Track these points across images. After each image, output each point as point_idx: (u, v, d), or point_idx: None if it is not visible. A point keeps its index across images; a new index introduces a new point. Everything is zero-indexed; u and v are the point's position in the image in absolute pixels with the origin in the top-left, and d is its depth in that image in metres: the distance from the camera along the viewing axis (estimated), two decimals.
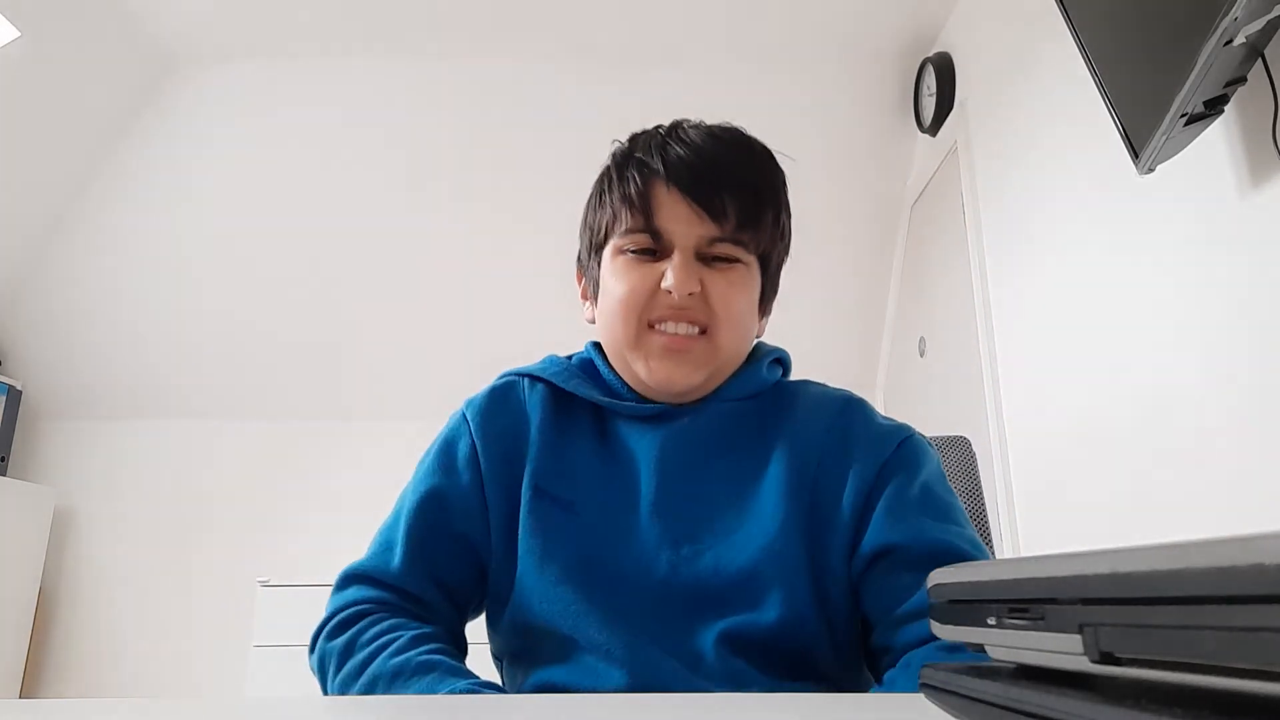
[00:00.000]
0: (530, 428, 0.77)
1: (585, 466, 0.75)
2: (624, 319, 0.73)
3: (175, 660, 2.92)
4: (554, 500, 0.73)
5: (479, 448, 0.76)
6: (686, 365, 0.73)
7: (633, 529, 0.72)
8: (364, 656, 0.67)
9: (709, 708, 0.39)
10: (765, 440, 0.75)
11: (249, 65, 2.61)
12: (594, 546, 0.71)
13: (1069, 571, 0.23)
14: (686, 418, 0.76)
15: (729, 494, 0.73)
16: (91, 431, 3.16)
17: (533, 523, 0.73)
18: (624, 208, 0.74)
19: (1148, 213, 1.48)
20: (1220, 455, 1.28)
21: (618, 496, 0.73)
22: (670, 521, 0.71)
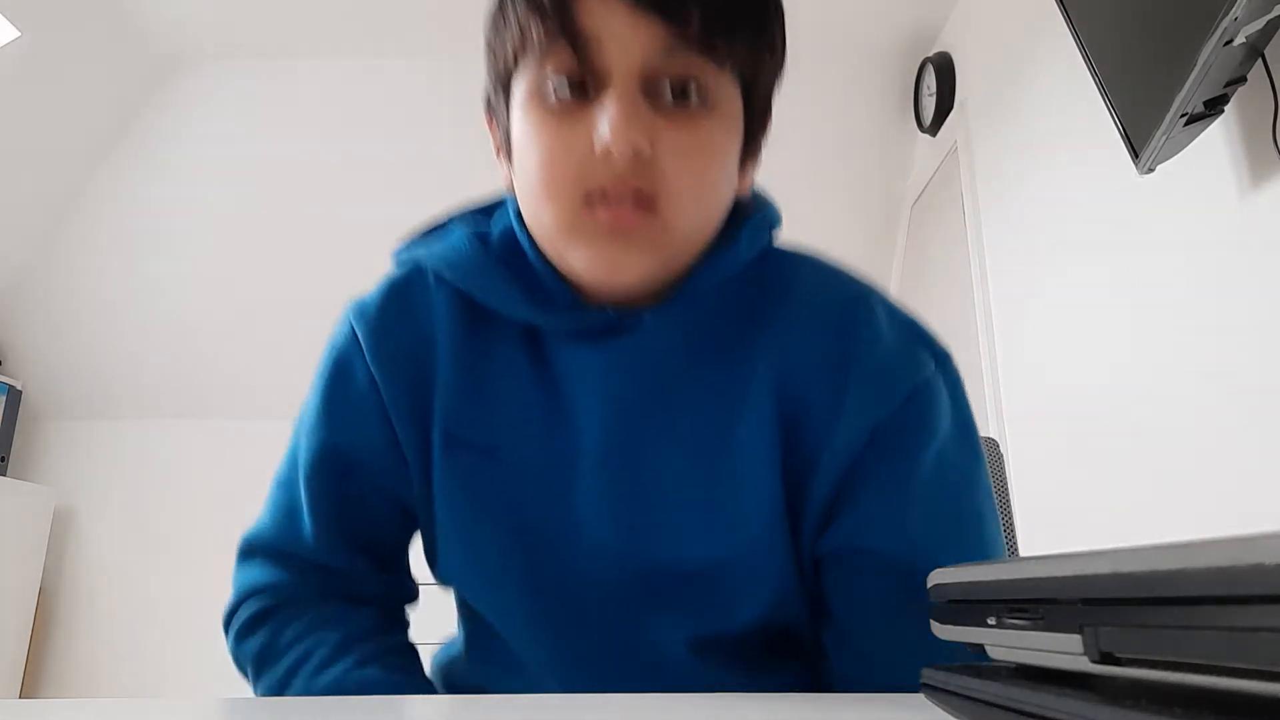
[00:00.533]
0: (437, 348, 0.58)
1: (510, 400, 0.57)
2: (548, 200, 0.51)
3: (175, 660, 2.92)
4: (471, 447, 0.57)
5: (377, 377, 0.59)
6: (634, 252, 0.51)
7: (573, 486, 0.56)
8: (284, 671, 0.58)
9: (702, 708, 0.39)
10: (744, 357, 0.57)
11: (249, 65, 2.61)
12: (524, 507, 0.56)
13: (1069, 571, 0.23)
14: (642, 330, 0.56)
15: (694, 450, 0.56)
16: (91, 431, 3.16)
17: (447, 474, 0.57)
18: (531, 16, 0.50)
19: (1148, 213, 1.48)
20: (1220, 455, 1.28)
21: (553, 441, 0.56)
22: (620, 484, 0.55)
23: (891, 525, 0.54)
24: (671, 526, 0.55)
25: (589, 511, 0.55)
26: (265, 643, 0.60)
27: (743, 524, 0.54)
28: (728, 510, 0.55)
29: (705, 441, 0.55)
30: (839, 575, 0.56)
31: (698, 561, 0.55)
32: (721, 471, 0.55)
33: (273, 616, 0.61)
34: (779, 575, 0.55)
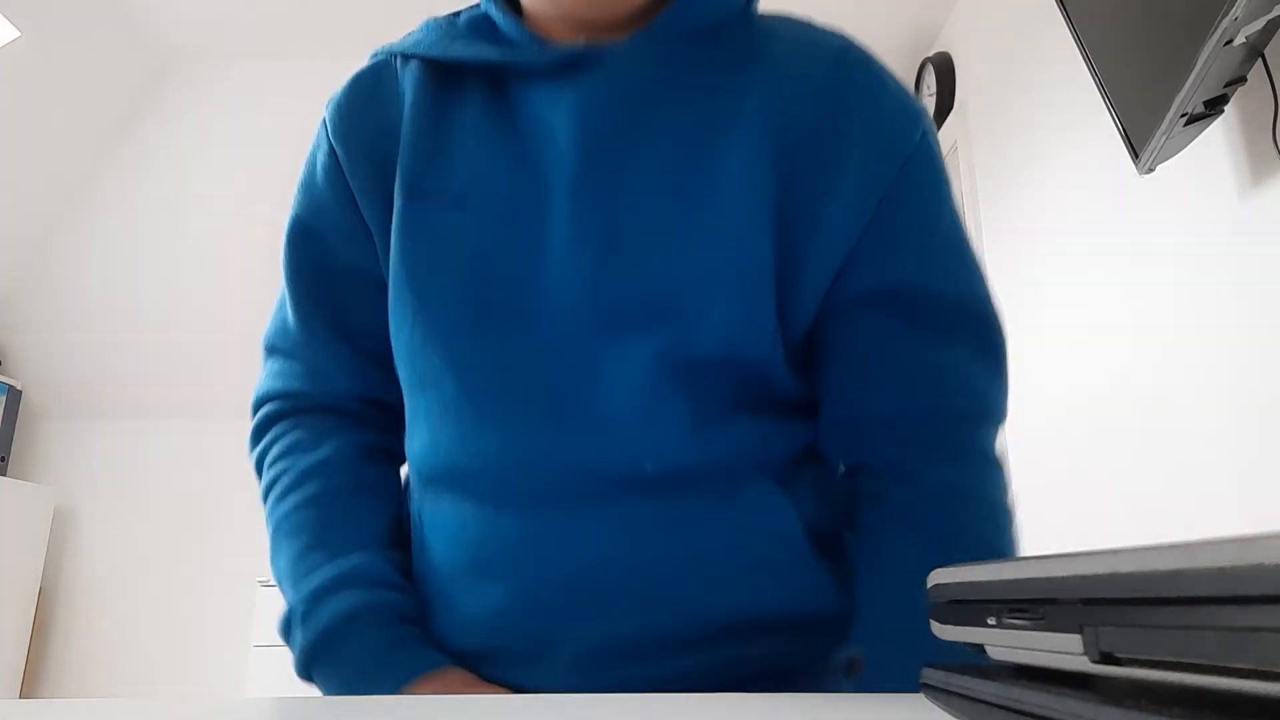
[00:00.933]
0: (402, 118, 0.58)
1: (477, 148, 0.55)
2: None
3: (175, 660, 2.92)
4: (436, 196, 0.55)
5: (340, 155, 0.59)
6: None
7: (542, 221, 0.53)
8: (264, 490, 0.61)
9: (702, 708, 0.39)
10: (726, 95, 0.54)
11: (249, 65, 2.62)
12: (491, 249, 0.54)
13: (1069, 571, 0.23)
14: (613, 62, 0.54)
15: (674, 170, 0.53)
16: (91, 431, 3.16)
17: (409, 228, 0.55)
18: None
19: (1148, 213, 1.48)
20: (1220, 454, 1.28)
21: (522, 180, 0.54)
22: (594, 213, 0.53)
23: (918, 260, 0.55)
24: (646, 248, 0.53)
25: (558, 243, 0.53)
26: (261, 452, 0.63)
27: (721, 244, 0.53)
28: (706, 230, 0.53)
29: (681, 166, 0.54)
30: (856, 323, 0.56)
31: (671, 280, 0.53)
32: (700, 191, 0.53)
33: (269, 426, 0.63)
34: (754, 300, 0.53)
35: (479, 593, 0.53)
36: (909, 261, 0.55)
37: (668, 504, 0.52)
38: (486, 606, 0.52)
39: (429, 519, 0.56)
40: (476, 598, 0.53)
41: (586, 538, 0.51)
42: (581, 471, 0.51)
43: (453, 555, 0.54)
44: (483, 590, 0.53)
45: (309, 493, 0.58)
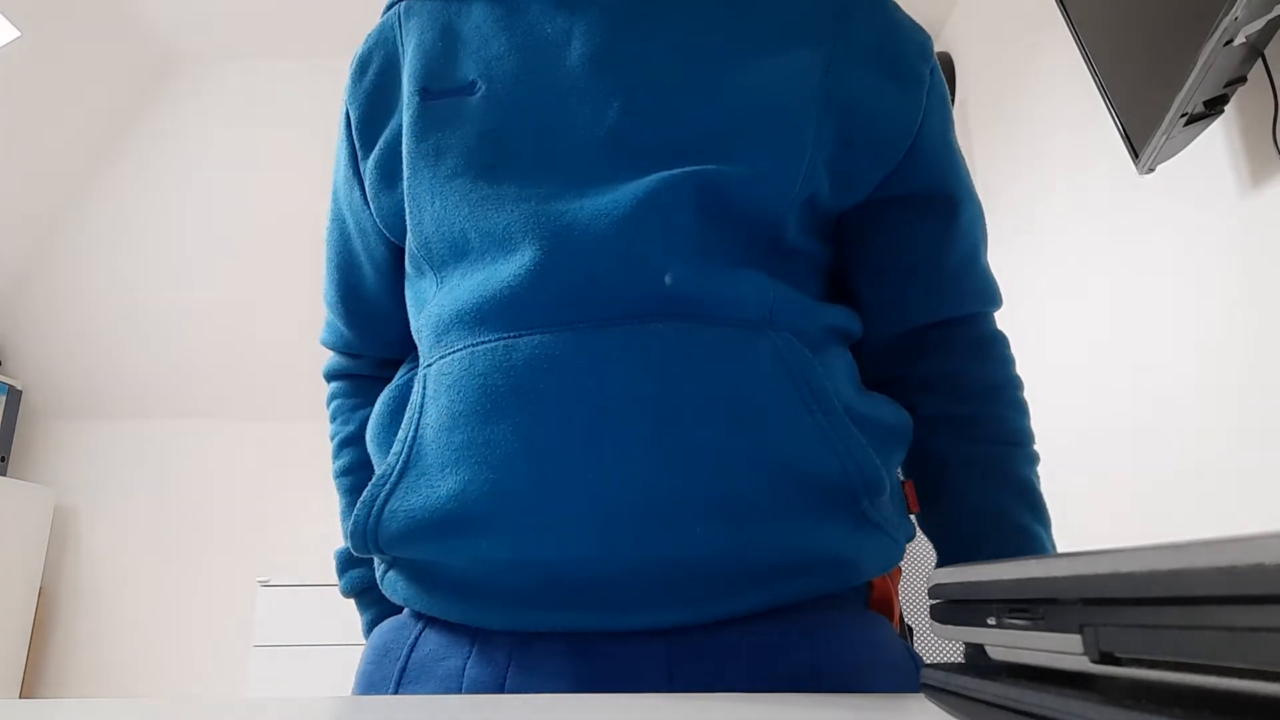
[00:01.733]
0: (409, 43, 0.59)
1: (486, 42, 0.56)
2: None
3: (175, 660, 2.92)
4: (446, 94, 0.55)
5: (353, 118, 0.61)
6: None
7: (564, 89, 0.53)
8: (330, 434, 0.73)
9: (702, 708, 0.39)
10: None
11: (249, 64, 2.62)
12: (505, 116, 0.53)
13: (1069, 571, 0.23)
14: None
15: (705, 33, 0.54)
16: (91, 431, 3.16)
17: (419, 128, 0.55)
18: None
19: (1148, 213, 1.48)
20: (1220, 455, 1.28)
21: (536, 62, 0.54)
22: (620, 72, 0.53)
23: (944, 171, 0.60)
24: (674, 93, 0.52)
25: (585, 100, 0.52)
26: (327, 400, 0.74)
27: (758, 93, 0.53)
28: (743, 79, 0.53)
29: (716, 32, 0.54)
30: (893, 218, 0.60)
31: (700, 123, 0.52)
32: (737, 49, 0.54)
33: (329, 379, 0.74)
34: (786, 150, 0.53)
35: (482, 440, 0.47)
36: (939, 168, 0.60)
37: (689, 329, 0.48)
38: (489, 457, 0.47)
39: (434, 377, 0.52)
40: (478, 449, 0.47)
41: (607, 361, 0.47)
42: (601, 287, 0.48)
43: (456, 403, 0.49)
44: (487, 435, 0.47)
45: (344, 462, 0.70)
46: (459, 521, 0.47)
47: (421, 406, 0.52)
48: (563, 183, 0.51)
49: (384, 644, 0.56)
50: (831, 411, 0.49)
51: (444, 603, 0.52)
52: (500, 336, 0.48)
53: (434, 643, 0.53)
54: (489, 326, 0.49)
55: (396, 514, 0.50)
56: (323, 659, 2.48)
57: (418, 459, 0.50)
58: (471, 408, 0.48)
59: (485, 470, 0.47)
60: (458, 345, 0.51)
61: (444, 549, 0.49)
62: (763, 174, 0.52)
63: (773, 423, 0.48)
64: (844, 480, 0.49)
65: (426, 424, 0.50)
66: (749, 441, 0.47)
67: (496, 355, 0.48)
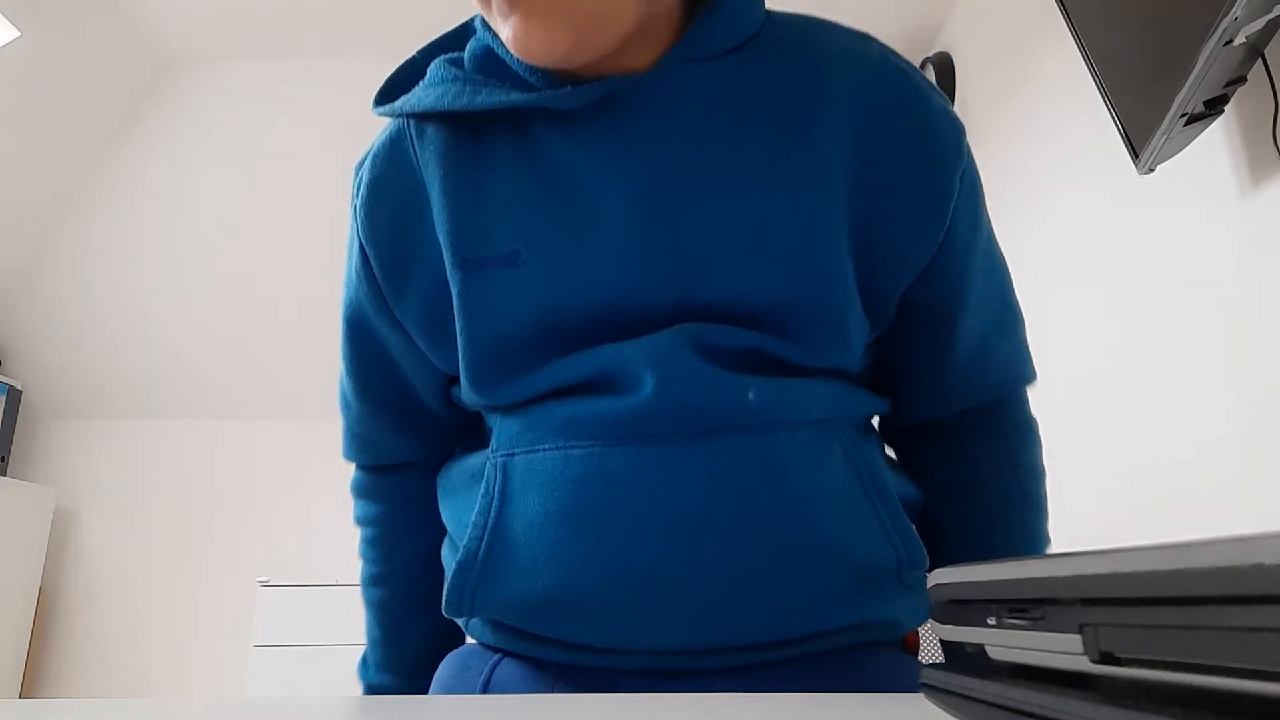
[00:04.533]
0: (430, 193, 0.56)
1: (517, 202, 0.54)
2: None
3: (175, 660, 2.92)
4: (491, 261, 0.53)
5: (372, 259, 0.58)
6: (534, 22, 0.48)
7: (615, 262, 0.52)
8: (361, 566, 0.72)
9: (702, 708, 0.39)
10: (781, 116, 0.53)
11: (249, 65, 2.62)
12: (560, 298, 0.53)
13: (1069, 571, 0.23)
14: (651, 95, 0.52)
15: (741, 189, 0.52)
16: (91, 431, 3.16)
17: (468, 305, 0.54)
18: None
19: (1148, 213, 1.48)
20: (1220, 455, 1.28)
21: (583, 227, 0.53)
22: (671, 240, 0.52)
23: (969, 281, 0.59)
24: (726, 264, 0.52)
25: (630, 273, 0.52)
26: (356, 520, 0.72)
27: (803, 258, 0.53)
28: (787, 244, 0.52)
29: (750, 186, 0.53)
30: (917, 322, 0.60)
31: (756, 292, 0.52)
32: (774, 206, 0.53)
33: (357, 496, 0.72)
34: (840, 314, 0.54)
35: (577, 541, 0.50)
36: (953, 280, 0.59)
37: (769, 439, 0.51)
38: (587, 558, 0.50)
39: (521, 472, 0.53)
40: (575, 549, 0.50)
41: (696, 471, 0.50)
42: (690, 408, 0.51)
43: (550, 503, 0.51)
44: (583, 536, 0.50)
45: (377, 597, 0.70)
46: (555, 609, 0.51)
47: (504, 496, 0.53)
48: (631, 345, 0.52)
49: (463, 663, 0.61)
50: (890, 504, 0.54)
51: (531, 644, 0.56)
52: (594, 444, 0.51)
53: (515, 666, 0.57)
54: (581, 435, 0.52)
55: (489, 604, 0.53)
56: (323, 659, 2.48)
57: (504, 550, 0.52)
58: (566, 509, 0.51)
59: (582, 569, 0.50)
60: (547, 445, 0.53)
61: (539, 626, 0.53)
62: (819, 351, 0.54)
63: (843, 517, 0.52)
64: (896, 561, 0.54)
65: (513, 516, 0.52)
66: (822, 535, 0.51)
67: (592, 462, 0.51)
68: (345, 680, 0.78)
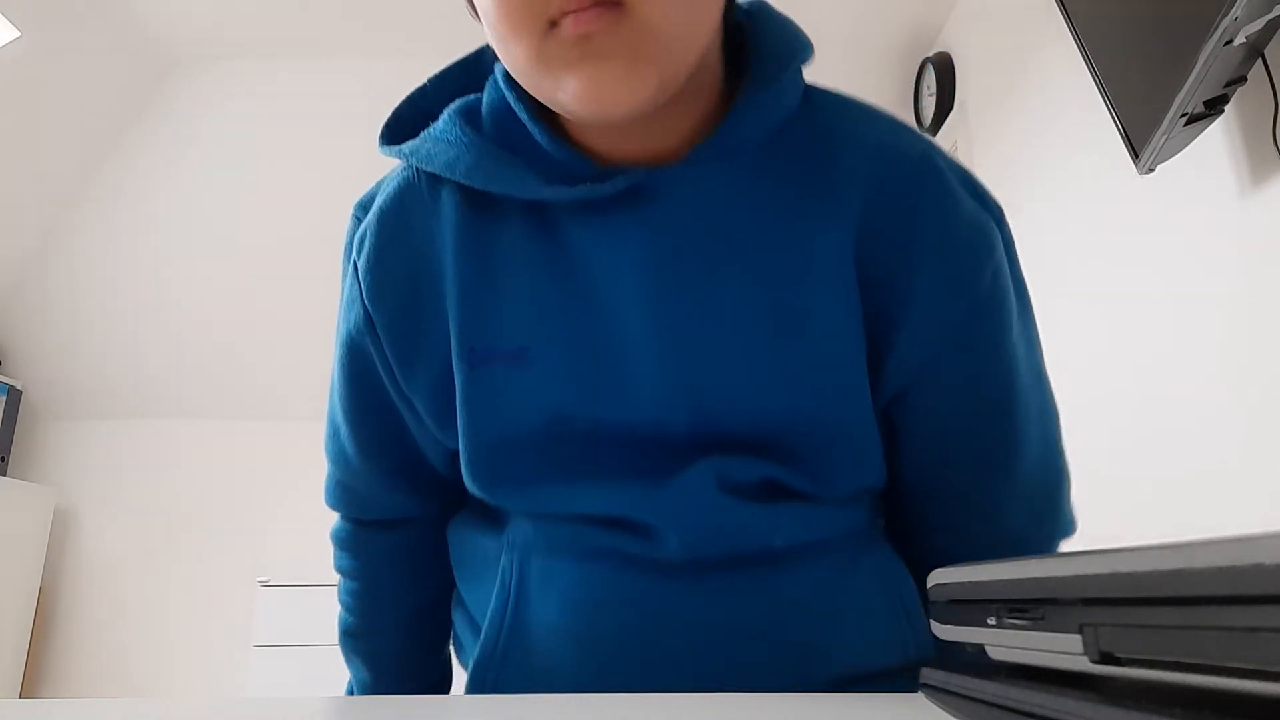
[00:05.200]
0: (444, 261, 0.52)
1: (529, 292, 0.51)
2: (514, 39, 0.45)
3: (175, 660, 2.92)
4: (498, 355, 0.51)
5: (376, 321, 0.54)
6: (615, 65, 0.43)
7: (626, 374, 0.50)
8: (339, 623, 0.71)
9: (703, 708, 0.39)
10: (806, 219, 0.51)
11: (249, 65, 2.62)
12: (563, 398, 0.51)
13: (1069, 571, 0.23)
14: (677, 191, 0.50)
15: (759, 302, 0.50)
16: (91, 431, 3.16)
17: (473, 402, 0.52)
18: None
19: (1148, 213, 1.48)
20: (1220, 455, 1.28)
21: (586, 327, 0.50)
22: (685, 358, 0.50)
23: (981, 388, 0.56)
24: (744, 388, 0.50)
25: (643, 387, 0.50)
26: (337, 569, 0.69)
27: (822, 380, 0.51)
28: (805, 366, 0.51)
29: (769, 298, 0.50)
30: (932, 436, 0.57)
31: (776, 418, 0.51)
32: (792, 325, 0.50)
33: (338, 546, 0.68)
34: (862, 438, 0.53)
35: (588, 656, 0.51)
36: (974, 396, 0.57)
37: (796, 567, 0.52)
38: (591, 671, 0.50)
39: (539, 576, 0.53)
40: (596, 663, 0.51)
41: (718, 602, 0.51)
42: (708, 548, 0.51)
43: (567, 614, 0.51)
44: (594, 654, 0.51)
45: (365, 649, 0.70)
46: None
47: (520, 598, 0.53)
48: (643, 470, 0.51)
49: None
50: (914, 616, 0.54)
51: None
52: (613, 568, 0.51)
53: None
54: (599, 558, 0.52)
55: (510, 690, 0.53)
56: (323, 659, 2.47)
57: (521, 651, 0.52)
58: (582, 628, 0.51)
59: (596, 682, 0.50)
60: (565, 556, 0.52)
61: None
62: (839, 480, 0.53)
63: (868, 637, 0.53)
64: (911, 662, 0.53)
65: (530, 618, 0.52)
66: (844, 658, 0.52)
67: (610, 585, 0.51)
68: (345, 680, 0.78)
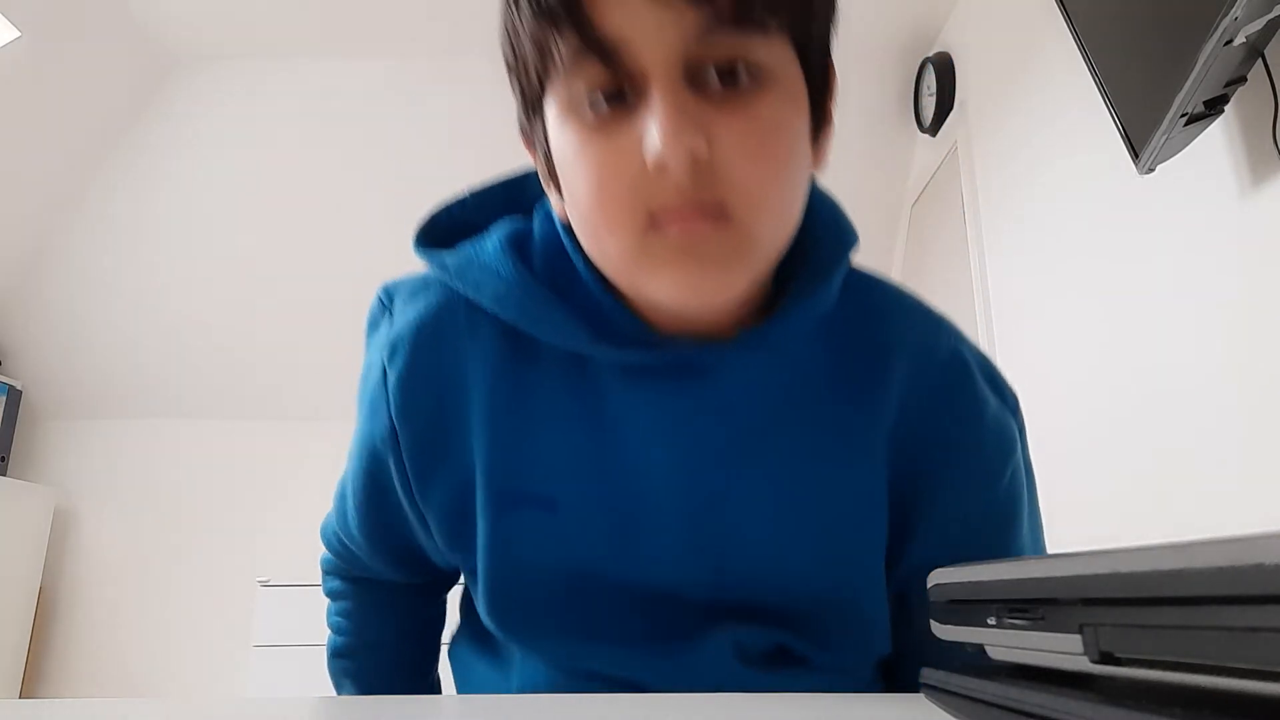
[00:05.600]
0: (474, 393, 0.52)
1: (563, 444, 0.52)
2: (608, 231, 0.45)
3: (175, 660, 2.92)
4: (526, 500, 0.52)
5: (403, 440, 0.54)
6: (715, 268, 0.44)
7: (651, 536, 0.52)
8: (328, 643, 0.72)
9: (703, 708, 0.39)
10: (843, 414, 0.53)
11: (249, 65, 2.61)
12: (591, 558, 0.52)
13: (1069, 571, 0.23)
14: (723, 372, 0.51)
15: (790, 492, 0.52)
16: (91, 431, 3.16)
17: (498, 545, 0.52)
18: (547, 29, 0.42)
19: (1148, 213, 1.48)
20: (1220, 455, 1.28)
21: (617, 487, 0.51)
22: (710, 530, 0.52)
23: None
24: (764, 568, 0.52)
25: (666, 546, 0.52)
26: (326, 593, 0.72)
27: (851, 565, 0.53)
28: (830, 555, 0.52)
29: (800, 489, 0.52)
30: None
31: (794, 602, 0.53)
32: (820, 517, 0.52)
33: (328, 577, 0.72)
34: (876, 624, 0.55)
35: None
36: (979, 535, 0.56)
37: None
38: None
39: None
40: None
41: None
42: None
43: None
44: None
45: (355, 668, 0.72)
46: None
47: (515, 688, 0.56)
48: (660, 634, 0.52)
49: None
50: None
51: None
52: None
53: None
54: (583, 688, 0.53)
55: None
56: (323, 659, 2.47)
57: None
58: None
59: None
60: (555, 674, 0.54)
61: None
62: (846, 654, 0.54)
63: None
64: None
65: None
66: None
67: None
68: None
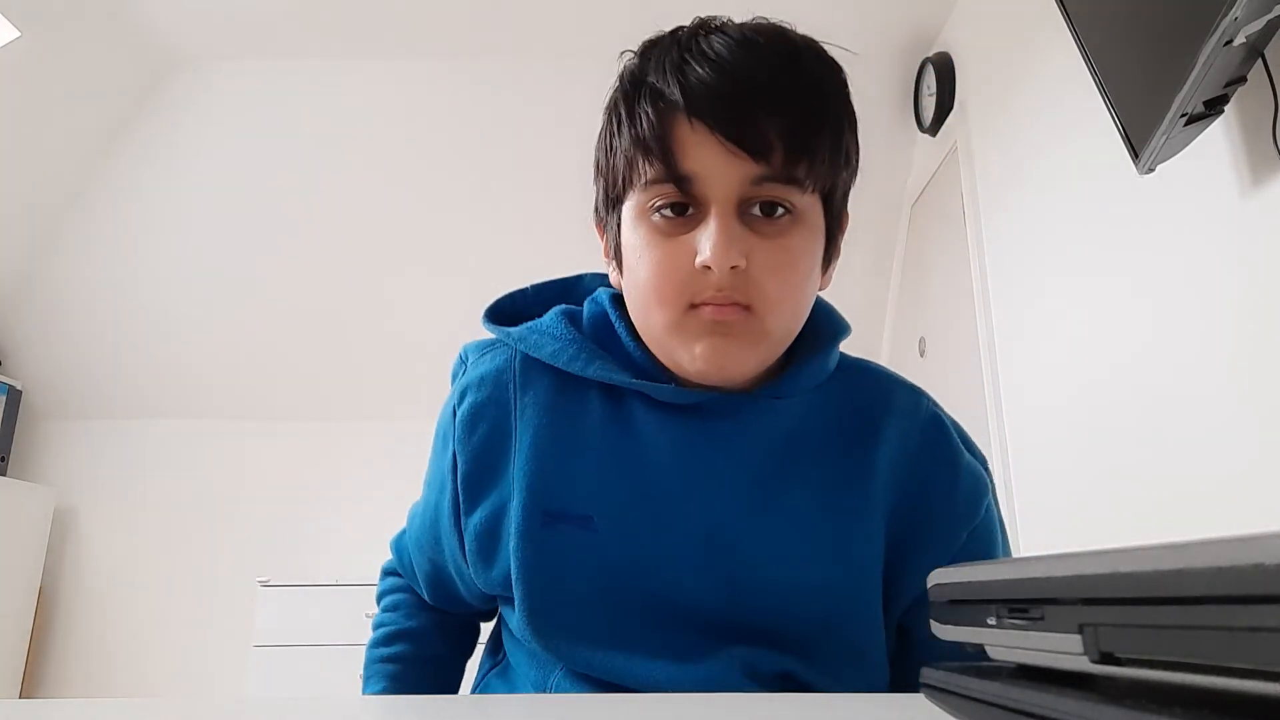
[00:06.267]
0: (518, 439, 0.63)
1: (600, 464, 0.61)
2: (658, 307, 0.59)
3: (175, 660, 2.92)
4: (569, 519, 0.60)
5: (460, 463, 0.64)
6: (736, 346, 0.58)
7: (678, 556, 0.60)
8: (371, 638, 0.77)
9: (704, 708, 0.39)
10: (851, 461, 0.64)
11: (249, 64, 2.61)
12: (623, 574, 0.60)
13: (1069, 571, 0.23)
14: (729, 419, 0.62)
15: (801, 527, 0.61)
16: (91, 431, 3.16)
17: (538, 551, 0.60)
18: (639, 154, 0.58)
19: (1148, 213, 1.48)
20: (1220, 455, 1.28)
21: (655, 515, 0.61)
22: (729, 553, 0.60)
23: None
24: (771, 590, 0.60)
25: (686, 563, 0.60)
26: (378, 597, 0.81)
27: (846, 600, 0.61)
28: (835, 584, 0.61)
29: (812, 525, 0.61)
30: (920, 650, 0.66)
31: (800, 626, 0.60)
32: (829, 549, 0.61)
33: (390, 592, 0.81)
34: (874, 653, 0.62)
35: None
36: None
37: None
38: None
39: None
40: None
41: None
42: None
43: None
44: None
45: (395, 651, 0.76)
46: None
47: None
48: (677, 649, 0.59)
49: None
50: None
51: None
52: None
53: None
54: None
55: None
56: (323, 659, 2.47)
57: None
58: None
59: None
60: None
61: None
62: (845, 681, 0.60)
63: None
64: None
65: None
66: None
67: None
68: (345, 680, 0.78)
